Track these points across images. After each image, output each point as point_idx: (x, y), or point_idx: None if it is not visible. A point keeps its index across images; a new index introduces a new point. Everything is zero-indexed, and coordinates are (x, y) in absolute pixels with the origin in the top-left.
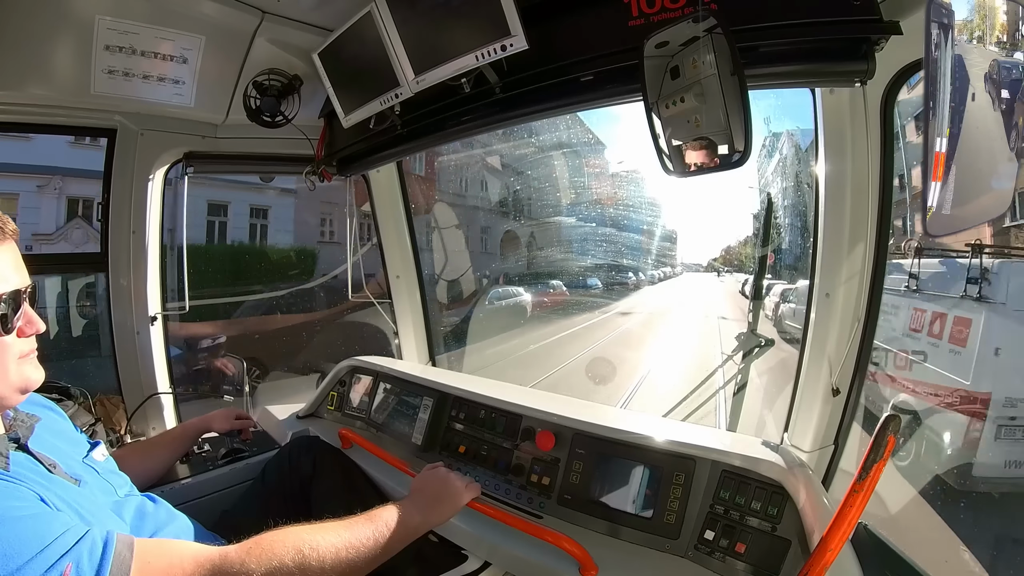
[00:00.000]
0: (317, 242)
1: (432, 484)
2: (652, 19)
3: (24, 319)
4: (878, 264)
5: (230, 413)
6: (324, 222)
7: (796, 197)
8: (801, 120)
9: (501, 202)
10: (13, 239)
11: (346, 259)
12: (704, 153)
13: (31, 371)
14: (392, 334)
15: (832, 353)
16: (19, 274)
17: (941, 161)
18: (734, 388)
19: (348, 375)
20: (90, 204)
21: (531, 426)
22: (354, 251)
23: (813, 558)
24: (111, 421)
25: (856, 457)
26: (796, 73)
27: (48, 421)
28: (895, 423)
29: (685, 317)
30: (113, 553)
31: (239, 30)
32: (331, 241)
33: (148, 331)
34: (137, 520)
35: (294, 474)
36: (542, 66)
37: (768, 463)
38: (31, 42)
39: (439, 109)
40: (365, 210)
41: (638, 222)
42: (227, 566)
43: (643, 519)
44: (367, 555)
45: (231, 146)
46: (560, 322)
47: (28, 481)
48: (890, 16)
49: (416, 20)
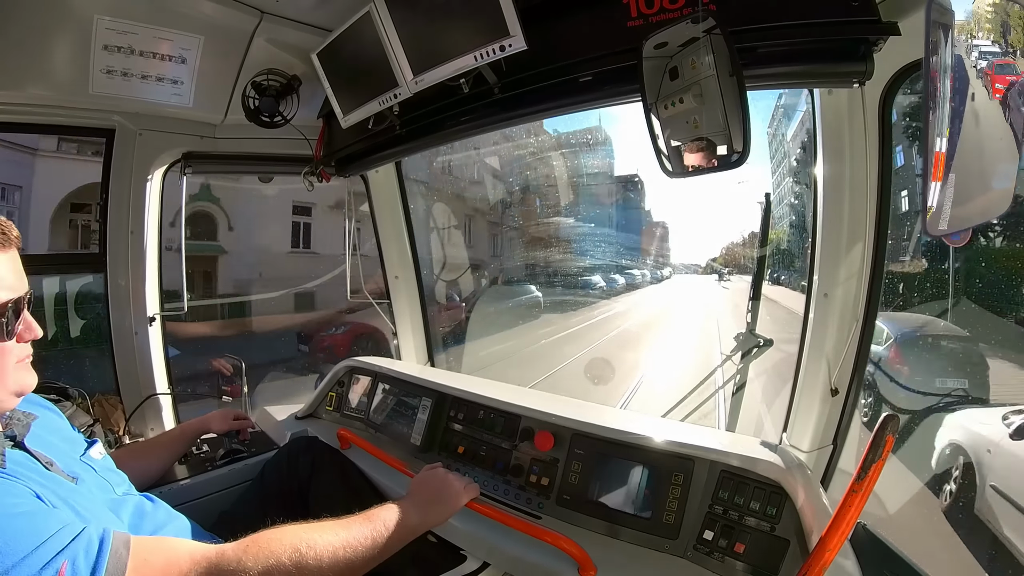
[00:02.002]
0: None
1: (431, 484)
2: (651, 20)
3: (24, 325)
4: (876, 264)
5: (228, 414)
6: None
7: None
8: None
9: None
10: (15, 246)
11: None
12: (703, 154)
13: (27, 376)
14: (391, 335)
15: (831, 353)
16: (21, 281)
17: (941, 161)
18: (733, 388)
19: (347, 375)
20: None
21: (530, 426)
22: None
23: (812, 558)
24: (109, 422)
25: (855, 457)
26: (794, 74)
27: (45, 420)
28: (894, 423)
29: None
30: (109, 551)
31: (238, 30)
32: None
33: (146, 331)
34: (136, 520)
35: (293, 475)
36: (541, 66)
37: (767, 463)
38: (29, 42)
39: (438, 109)
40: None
41: (599, 210)
42: (224, 564)
43: (642, 519)
44: (365, 554)
45: (230, 146)
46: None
47: (24, 478)
48: (888, 17)
49: (415, 20)
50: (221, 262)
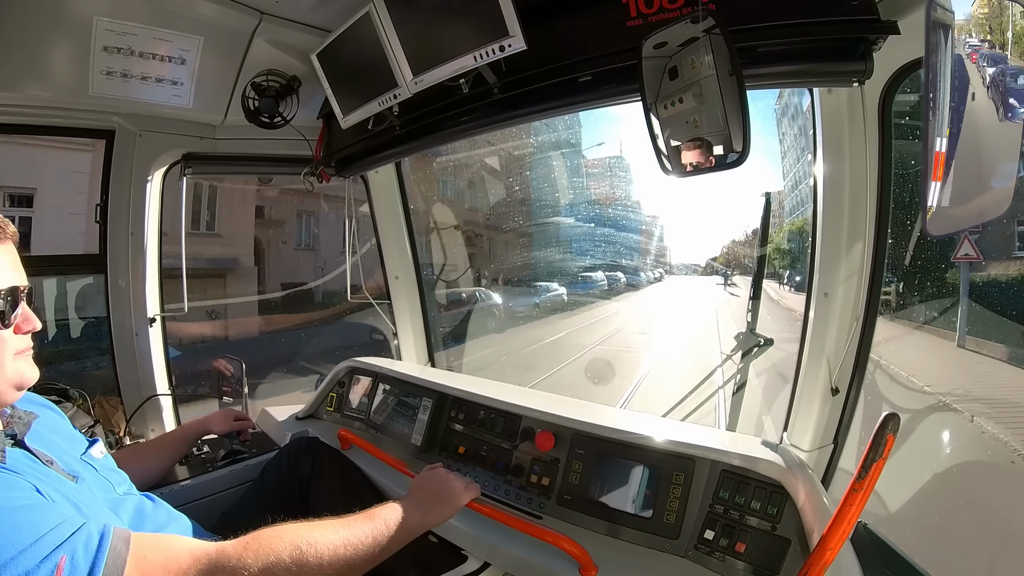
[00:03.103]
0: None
1: (431, 484)
2: (650, 19)
3: (21, 316)
4: (877, 263)
5: (228, 414)
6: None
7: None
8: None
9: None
10: (12, 241)
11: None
12: (702, 153)
13: (26, 368)
14: (391, 335)
15: (831, 352)
16: (17, 274)
17: (941, 161)
18: (733, 388)
19: (347, 376)
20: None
21: (530, 426)
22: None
23: (813, 557)
24: (110, 423)
25: (855, 456)
26: (794, 73)
27: (46, 419)
28: (894, 422)
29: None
30: (109, 546)
31: (237, 31)
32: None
33: (147, 332)
34: (136, 520)
35: (293, 475)
36: (540, 66)
37: (767, 462)
38: (29, 43)
39: (438, 110)
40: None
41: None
42: (224, 561)
43: (643, 519)
44: (365, 553)
45: (230, 147)
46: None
47: (25, 474)
48: (888, 16)
49: (414, 21)
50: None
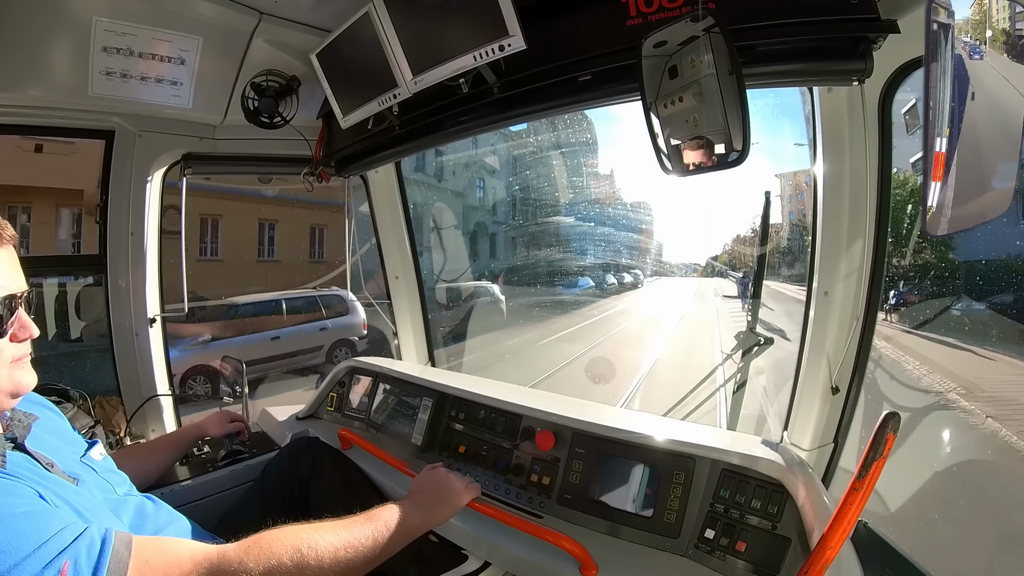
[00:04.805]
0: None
1: (432, 484)
2: (650, 18)
3: (18, 324)
4: (877, 262)
5: (224, 416)
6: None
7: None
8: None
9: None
10: (11, 244)
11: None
12: (702, 152)
13: (23, 376)
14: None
15: (831, 351)
16: (15, 279)
17: (941, 161)
18: (734, 387)
19: (347, 376)
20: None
21: (531, 426)
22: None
23: (813, 556)
24: (110, 423)
25: (856, 455)
26: (794, 72)
27: (46, 420)
28: (894, 421)
29: None
30: (111, 551)
31: (237, 31)
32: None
33: (147, 333)
34: (137, 521)
35: (294, 475)
36: (540, 66)
37: (768, 461)
38: (28, 43)
39: (437, 109)
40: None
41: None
42: (225, 564)
43: (643, 518)
44: (366, 555)
45: (229, 147)
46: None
47: (26, 479)
48: (888, 15)
49: (414, 20)
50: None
